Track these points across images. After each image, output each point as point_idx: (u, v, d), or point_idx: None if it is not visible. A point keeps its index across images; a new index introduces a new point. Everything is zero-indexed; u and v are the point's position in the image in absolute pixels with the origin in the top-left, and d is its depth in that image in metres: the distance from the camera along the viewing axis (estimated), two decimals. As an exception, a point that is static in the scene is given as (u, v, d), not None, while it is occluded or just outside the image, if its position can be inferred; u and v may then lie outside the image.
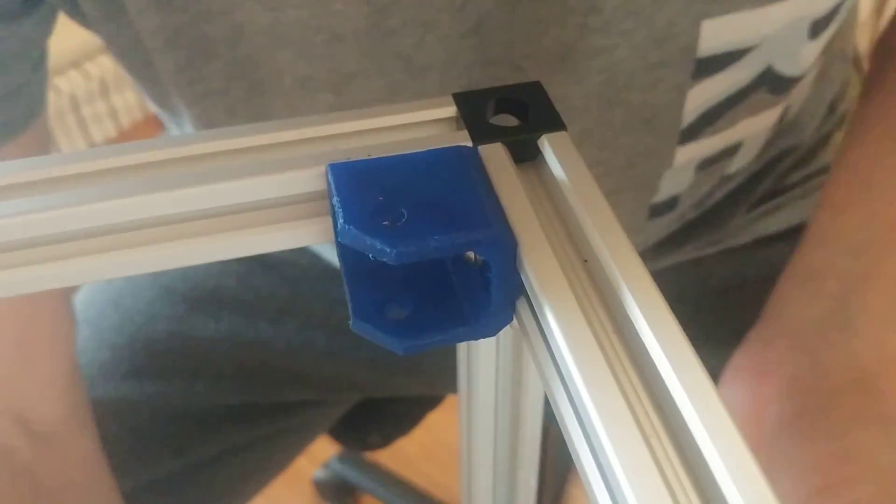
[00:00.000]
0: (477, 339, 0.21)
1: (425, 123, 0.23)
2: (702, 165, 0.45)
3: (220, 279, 0.56)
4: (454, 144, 0.22)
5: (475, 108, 0.23)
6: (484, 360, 0.28)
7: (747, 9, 0.36)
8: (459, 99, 0.23)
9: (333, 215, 0.21)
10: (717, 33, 0.37)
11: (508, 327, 0.21)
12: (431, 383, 0.62)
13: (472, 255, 0.22)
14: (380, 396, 0.67)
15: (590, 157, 0.41)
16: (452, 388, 0.30)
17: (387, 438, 0.72)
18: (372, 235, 0.19)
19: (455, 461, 0.34)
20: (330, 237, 0.22)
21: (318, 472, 1.13)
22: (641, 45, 0.36)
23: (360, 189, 0.20)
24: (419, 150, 0.22)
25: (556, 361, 0.19)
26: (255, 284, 0.56)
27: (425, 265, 0.22)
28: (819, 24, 0.40)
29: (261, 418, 0.57)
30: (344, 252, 0.22)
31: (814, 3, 0.38)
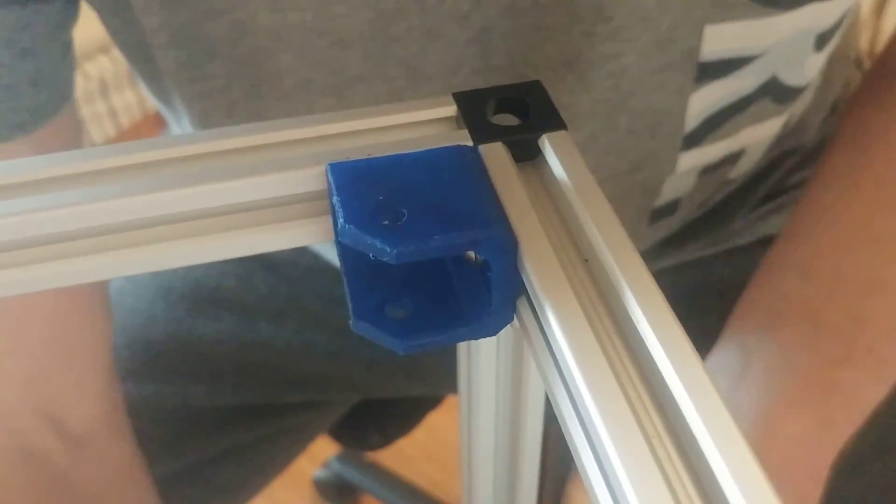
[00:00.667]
0: (477, 338, 0.21)
1: (425, 123, 0.23)
2: (704, 171, 0.45)
3: (220, 279, 0.56)
4: (454, 144, 0.22)
5: (475, 108, 0.23)
6: (484, 359, 0.28)
7: (750, 18, 0.36)
8: (460, 98, 0.23)
9: (333, 215, 0.21)
10: (719, 39, 0.37)
11: (509, 327, 0.21)
12: (431, 383, 0.62)
13: (472, 254, 0.22)
14: (380, 397, 0.66)
15: (594, 161, 0.41)
16: (453, 389, 0.30)
17: (387, 438, 0.72)
18: (372, 235, 0.19)
19: (455, 461, 0.34)
20: (330, 237, 0.22)
21: (318, 472, 1.13)
22: (647, 50, 0.37)
23: (360, 189, 0.20)
24: (419, 149, 0.22)
25: (556, 361, 0.19)
26: (255, 284, 0.56)
27: (426, 265, 0.22)
28: (824, 37, 0.40)
29: (261, 419, 0.57)
30: (344, 252, 0.22)
31: (819, 17, 0.38)
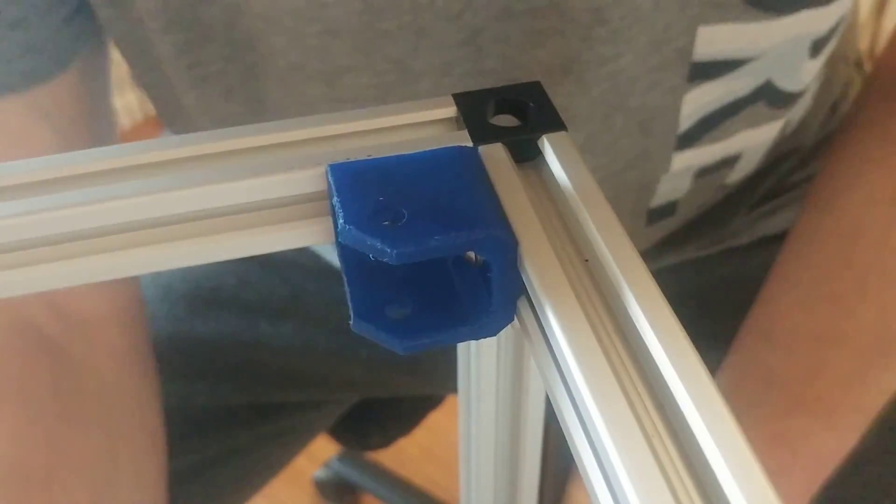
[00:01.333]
0: (478, 338, 0.21)
1: (425, 123, 0.23)
2: (700, 173, 0.45)
3: (220, 279, 0.56)
4: (454, 144, 0.22)
5: (475, 109, 0.23)
6: (485, 359, 0.28)
7: (744, 21, 0.36)
8: (459, 99, 0.23)
9: (333, 215, 0.21)
10: (712, 40, 0.37)
11: (509, 327, 0.21)
12: (432, 383, 0.62)
13: (472, 254, 0.22)
14: (380, 396, 0.67)
15: (591, 162, 0.41)
16: (453, 388, 0.30)
17: (387, 438, 0.72)
18: (372, 235, 0.19)
19: (455, 461, 0.34)
20: (330, 237, 0.22)
21: (319, 472, 1.13)
22: (642, 50, 0.37)
23: (360, 189, 0.20)
24: (419, 150, 0.22)
25: (557, 361, 0.19)
26: (255, 284, 0.56)
27: (426, 265, 0.22)
28: (819, 43, 0.40)
29: (261, 418, 0.57)
30: (344, 252, 0.22)
31: (813, 23, 0.39)
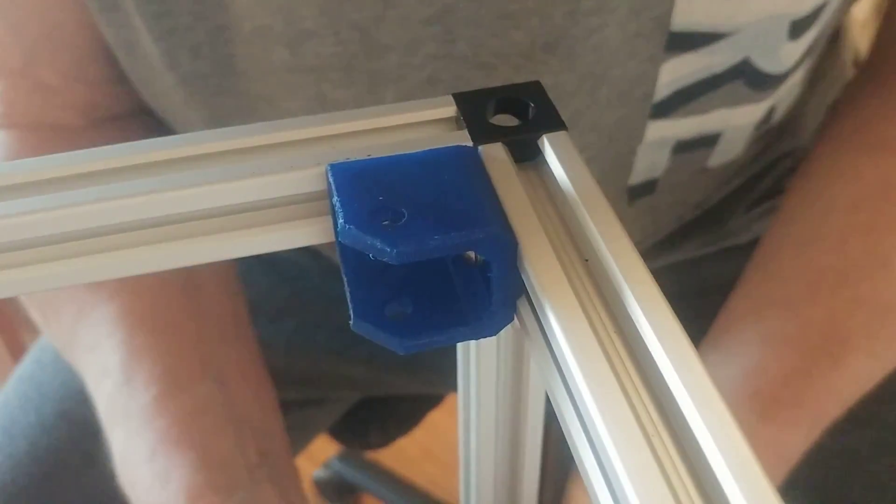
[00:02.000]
0: (478, 338, 0.21)
1: (425, 123, 0.23)
2: (677, 149, 0.45)
3: None
4: (454, 144, 0.22)
5: (475, 108, 0.23)
6: (484, 359, 0.28)
7: None
8: (459, 98, 0.23)
9: (333, 215, 0.21)
10: (689, 10, 0.37)
11: (509, 327, 0.21)
12: (431, 382, 0.62)
13: (472, 254, 0.22)
14: (380, 395, 0.66)
15: (580, 140, 0.41)
16: (453, 387, 0.30)
17: (387, 438, 0.72)
18: (372, 235, 0.19)
19: (455, 461, 0.34)
20: (330, 237, 0.22)
21: (319, 472, 1.12)
22: (623, 19, 0.37)
23: (360, 189, 0.20)
24: (419, 150, 0.22)
25: (556, 361, 0.19)
26: (254, 283, 0.56)
27: (426, 265, 0.22)
28: (799, 26, 0.40)
29: (261, 417, 0.57)
30: (344, 252, 0.22)
31: (792, 3, 0.39)
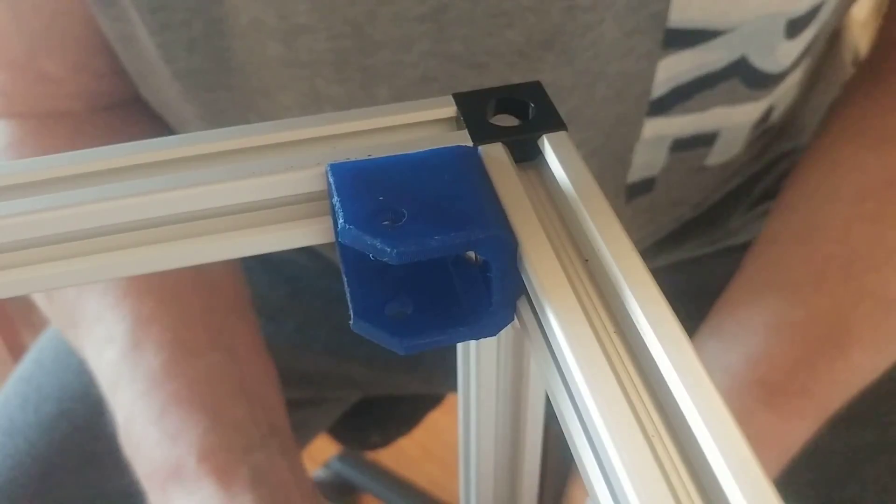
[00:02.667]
0: (478, 338, 0.21)
1: (425, 123, 0.23)
2: (675, 147, 0.45)
3: None
4: (454, 144, 0.22)
5: (475, 108, 0.23)
6: (485, 359, 0.28)
7: None
8: (459, 99, 0.23)
9: (333, 215, 0.21)
10: (685, 7, 0.37)
11: (509, 327, 0.21)
12: (431, 381, 0.62)
13: (472, 254, 0.22)
14: (380, 395, 0.66)
15: (577, 137, 0.41)
16: (453, 387, 0.30)
17: (387, 438, 0.72)
18: (372, 235, 0.19)
19: (455, 461, 0.34)
20: (330, 237, 0.22)
21: (319, 472, 1.12)
22: (620, 14, 0.37)
23: (360, 189, 0.20)
24: (419, 149, 0.22)
25: (557, 361, 0.19)
26: (254, 282, 0.56)
27: (426, 265, 0.22)
28: (796, 24, 0.40)
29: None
30: (344, 252, 0.22)
31: (788, 0, 0.39)
